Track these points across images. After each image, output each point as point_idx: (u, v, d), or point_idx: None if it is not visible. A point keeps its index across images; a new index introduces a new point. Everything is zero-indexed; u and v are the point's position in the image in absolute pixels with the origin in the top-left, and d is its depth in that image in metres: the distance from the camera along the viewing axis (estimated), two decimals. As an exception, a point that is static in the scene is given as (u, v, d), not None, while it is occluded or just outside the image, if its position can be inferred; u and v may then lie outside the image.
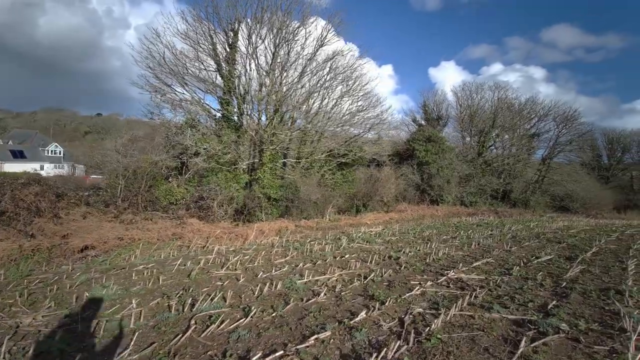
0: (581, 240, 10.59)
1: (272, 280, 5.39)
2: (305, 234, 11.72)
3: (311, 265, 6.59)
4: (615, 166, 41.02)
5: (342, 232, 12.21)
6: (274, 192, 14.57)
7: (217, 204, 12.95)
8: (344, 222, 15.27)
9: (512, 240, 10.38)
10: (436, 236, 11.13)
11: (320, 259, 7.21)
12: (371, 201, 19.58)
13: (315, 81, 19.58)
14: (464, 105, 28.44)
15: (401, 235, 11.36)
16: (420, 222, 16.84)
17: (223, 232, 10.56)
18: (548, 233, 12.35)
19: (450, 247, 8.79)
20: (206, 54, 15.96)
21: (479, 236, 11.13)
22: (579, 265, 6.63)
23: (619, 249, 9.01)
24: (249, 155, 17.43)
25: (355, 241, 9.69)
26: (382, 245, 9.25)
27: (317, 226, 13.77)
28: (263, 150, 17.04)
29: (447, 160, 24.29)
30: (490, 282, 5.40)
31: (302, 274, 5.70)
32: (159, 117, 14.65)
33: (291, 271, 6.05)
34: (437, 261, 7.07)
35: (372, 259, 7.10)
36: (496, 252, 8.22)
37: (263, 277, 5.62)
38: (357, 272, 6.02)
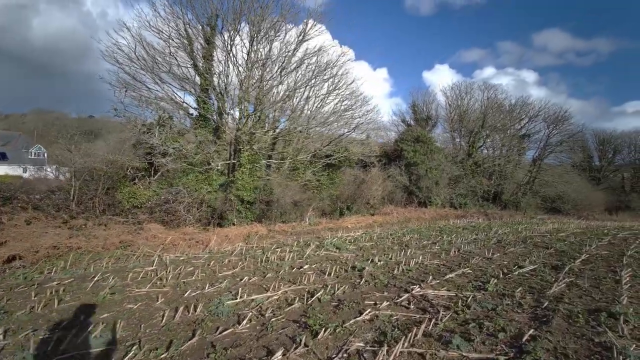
0: (570, 245, 9.75)
1: (198, 300, 4.43)
2: (276, 239, 10.76)
3: (258, 278, 5.65)
4: (607, 167, 40.58)
5: (318, 237, 11.28)
6: (247, 194, 13.60)
7: (184, 208, 11.95)
8: (323, 226, 14.34)
9: (496, 246, 9.51)
10: (416, 241, 10.24)
11: (274, 270, 6.26)
12: (355, 203, 18.68)
13: (297, 78, 18.73)
14: (454, 105, 27.76)
15: (379, 240, 10.45)
16: (405, 225, 15.95)
17: (182, 238, 9.58)
18: (536, 237, 11.51)
19: (427, 255, 7.89)
20: (181, 49, 15.01)
21: (462, 241, 10.25)
22: (565, 277, 5.75)
23: (611, 255, 8.17)
24: (228, 155, 16.47)
25: (324, 248, 8.76)
26: (353, 252, 8.33)
27: (293, 230, 12.82)
28: (240, 151, 16.11)
29: (435, 161, 23.50)
30: (459, 300, 4.48)
31: (239, 291, 4.74)
32: (124, 115, 13.63)
33: (229, 287, 5.09)
34: (406, 273, 6.15)
35: (333, 271, 6.16)
36: (476, 260, 7.33)
37: (190, 296, 4.66)
38: (307, 288, 5.08)
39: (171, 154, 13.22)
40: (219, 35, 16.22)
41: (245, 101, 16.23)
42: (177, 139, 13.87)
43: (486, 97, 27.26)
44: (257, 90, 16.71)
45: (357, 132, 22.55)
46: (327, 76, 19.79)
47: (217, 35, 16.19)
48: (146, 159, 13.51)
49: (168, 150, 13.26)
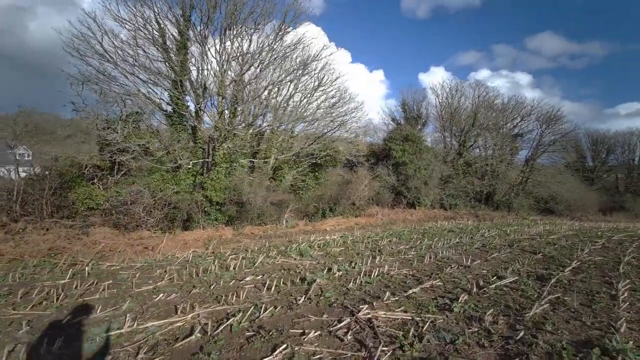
0: (560, 249, 8.77)
1: (67, 330, 3.39)
2: (243, 244, 9.71)
3: (179, 295, 4.61)
4: (600, 167, 39.85)
5: (289, 241, 10.25)
6: (217, 195, 12.54)
7: (143, 209, 10.88)
8: (299, 229, 13.31)
9: (479, 251, 8.51)
10: (393, 245, 9.23)
11: (208, 284, 5.22)
12: (339, 205, 17.66)
13: (277, 73, 17.76)
14: (444, 103, 26.86)
15: (352, 244, 9.43)
16: (389, 227, 14.95)
17: (130, 243, 8.52)
18: (524, 240, 10.54)
19: (397, 263, 6.88)
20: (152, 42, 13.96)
21: (443, 245, 9.25)
22: (551, 292, 4.74)
23: (605, 262, 7.19)
24: (203, 154, 15.41)
25: (285, 254, 7.73)
26: (316, 259, 7.30)
27: (264, 234, 11.78)
28: (215, 149, 15.07)
29: (425, 160, 22.53)
30: (413, 327, 3.47)
31: (132, 318, 3.70)
32: (83, 110, 12.53)
33: (131, 309, 4.05)
34: (364, 286, 5.13)
35: (278, 284, 5.14)
36: (451, 268, 6.32)
37: (64, 323, 3.61)
38: (230, 309, 4.04)
39: (133, 151, 12.16)
40: (193, 27, 15.20)
41: (219, 96, 15.23)
42: (142, 136, 12.80)
43: (477, 95, 26.41)
44: (233, 84, 15.73)
45: (343, 130, 21.59)
46: (310, 70, 18.85)
47: (191, 26, 15.17)
48: (108, 157, 12.43)
49: (130, 147, 12.20)
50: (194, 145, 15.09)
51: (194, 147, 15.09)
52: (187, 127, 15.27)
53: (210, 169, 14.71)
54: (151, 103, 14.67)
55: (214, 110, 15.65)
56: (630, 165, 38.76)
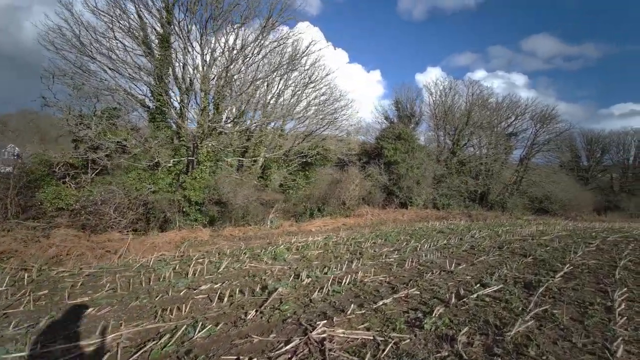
0: (553, 251, 8.22)
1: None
2: (218, 246, 9.09)
3: (113, 310, 4.00)
4: (595, 167, 39.51)
5: (268, 243, 9.67)
6: (196, 194, 11.91)
7: (114, 209, 10.24)
8: (283, 230, 12.71)
9: (466, 254, 7.95)
10: (377, 248, 8.66)
11: (155, 293, 4.62)
12: (328, 205, 17.06)
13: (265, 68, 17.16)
14: (438, 102, 26.35)
15: (334, 246, 8.84)
16: (377, 228, 14.37)
17: (90, 247, 7.88)
18: (516, 241, 10.00)
19: (376, 267, 6.31)
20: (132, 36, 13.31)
21: (429, 247, 8.69)
22: (539, 303, 4.17)
23: (600, 266, 6.64)
24: (186, 152, 14.78)
25: (258, 257, 7.13)
26: (289, 264, 6.70)
27: (244, 235, 11.18)
28: (198, 147, 14.46)
29: (417, 159, 21.99)
30: (370, 352, 2.89)
31: (43, 338, 3.10)
32: (56, 105, 11.86)
33: (37, 331, 3.44)
34: (330, 296, 4.54)
35: (236, 293, 4.55)
36: (433, 274, 5.75)
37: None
38: (164, 327, 3.44)
39: (107, 148, 11.51)
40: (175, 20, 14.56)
41: (202, 92, 14.60)
42: (118, 133, 12.15)
43: (471, 93, 25.91)
44: (217, 80, 15.14)
45: (333, 128, 21.02)
46: (299, 66, 18.26)
47: (173, 19, 14.52)
48: (80, 154, 11.78)
49: (104, 144, 11.56)
50: (178, 143, 14.47)
51: (177, 145, 14.47)
52: (170, 125, 14.65)
53: (194, 168, 14.11)
54: (132, 99, 14.02)
55: (197, 107, 15.02)
56: (625, 165, 38.44)
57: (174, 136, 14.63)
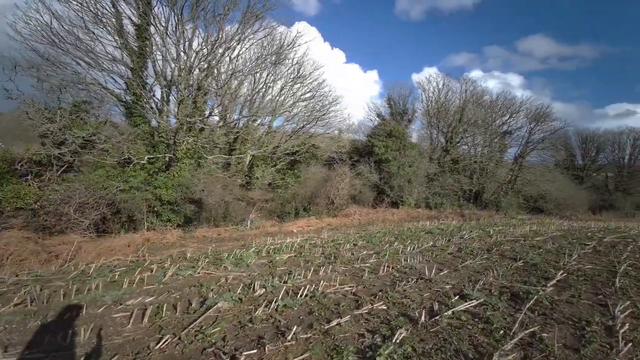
0: (545, 254, 7.49)
1: None
2: (184, 249, 8.30)
3: (4, 331, 3.22)
4: (590, 166, 38.96)
5: (242, 245, 8.90)
6: (168, 193, 11.10)
7: (75, 209, 9.42)
8: (263, 231, 11.92)
9: (451, 257, 7.20)
10: (357, 250, 7.90)
11: (66, 311, 3.83)
12: (314, 204, 16.28)
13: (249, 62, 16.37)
14: (431, 98, 25.64)
15: (310, 249, 8.08)
16: (364, 228, 13.62)
17: (35, 251, 7.07)
18: (507, 242, 9.27)
19: (345, 275, 5.56)
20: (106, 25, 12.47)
21: (413, 250, 7.93)
22: (526, 323, 3.42)
23: (597, 272, 5.90)
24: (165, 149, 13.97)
25: (218, 263, 6.35)
26: (251, 270, 5.93)
27: (218, 237, 10.38)
28: (176, 143, 13.66)
29: (409, 157, 21.25)
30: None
31: None
32: (19, 97, 11.01)
33: None
34: (280, 311, 3.77)
35: (165, 309, 3.77)
36: (409, 282, 5.00)
37: None
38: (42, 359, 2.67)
39: (71, 144, 10.68)
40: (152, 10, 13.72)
41: (179, 85, 13.79)
42: (84, 127, 11.31)
43: (464, 90, 25.20)
44: (197, 72, 14.37)
45: (320, 125, 20.26)
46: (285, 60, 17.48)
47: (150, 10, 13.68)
48: (43, 150, 10.93)
49: (68, 139, 10.72)
50: (157, 139, 13.66)
51: (156, 141, 13.66)
52: (149, 120, 13.84)
53: (172, 165, 13.33)
54: (108, 93, 13.19)
55: (175, 101, 14.20)
56: (620, 164, 37.93)
57: (153, 132, 13.82)
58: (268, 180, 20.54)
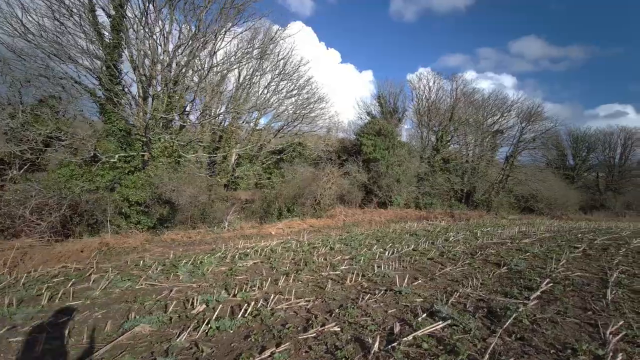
0: (532, 259, 6.93)
1: None
2: (143, 254, 7.60)
3: None
4: (581, 166, 38.81)
5: (212, 249, 8.21)
6: (136, 193, 10.37)
7: (30, 212, 8.67)
8: (239, 233, 11.24)
9: (430, 263, 6.61)
10: (332, 256, 7.28)
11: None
12: (298, 204, 15.63)
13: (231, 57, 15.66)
14: (421, 96, 25.13)
15: (281, 254, 7.44)
16: (348, 230, 13.00)
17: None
18: (493, 245, 8.70)
19: (307, 285, 4.93)
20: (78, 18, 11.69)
21: (392, 254, 7.33)
22: (497, 355, 2.82)
23: (587, 280, 5.34)
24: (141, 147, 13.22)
25: (171, 271, 5.68)
26: (203, 281, 5.26)
27: (189, 240, 9.68)
28: (151, 141, 12.95)
29: (399, 156, 20.71)
30: None
31: None
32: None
33: None
34: (207, 339, 3.12)
35: (67, 336, 3.10)
36: (374, 296, 4.38)
37: None
38: None
39: (31, 141, 9.91)
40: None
41: (152, 79, 13.06)
42: (46, 123, 10.54)
43: (455, 88, 24.73)
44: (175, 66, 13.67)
45: (306, 122, 19.60)
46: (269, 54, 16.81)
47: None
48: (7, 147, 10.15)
49: (28, 136, 9.95)
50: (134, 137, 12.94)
51: (132, 139, 12.94)
52: (125, 116, 13.10)
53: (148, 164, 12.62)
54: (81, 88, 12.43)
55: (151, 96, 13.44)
56: (611, 163, 37.83)
57: (130, 129, 13.08)
58: (253, 179, 19.86)
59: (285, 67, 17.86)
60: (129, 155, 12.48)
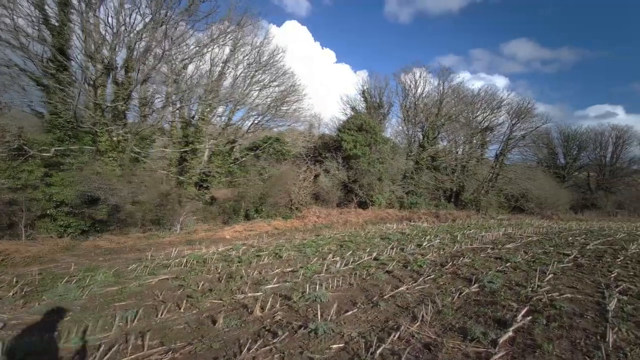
0: (513, 272, 5.60)
1: None
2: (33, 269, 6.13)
3: None
4: (572, 164, 37.84)
5: (139, 259, 6.77)
6: (64, 193, 8.87)
7: None
8: (189, 237, 9.79)
9: (387, 278, 5.24)
10: (271, 268, 5.90)
11: None
12: (267, 204, 14.20)
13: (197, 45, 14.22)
14: (407, 90, 23.82)
15: (215, 263, 6.03)
16: (318, 233, 11.61)
17: None
18: (470, 252, 7.36)
19: (182, 325, 3.53)
20: None
21: (344, 265, 5.95)
22: None
23: (579, 305, 4.02)
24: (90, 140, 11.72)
25: (40, 296, 4.25)
26: (51, 314, 3.84)
27: (118, 247, 8.20)
28: (97, 134, 11.49)
29: (381, 153, 19.36)
30: None
31: None
32: None
33: None
34: None
35: None
36: (272, 341, 3.00)
37: None
38: None
39: None
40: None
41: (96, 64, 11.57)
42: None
43: (442, 82, 23.43)
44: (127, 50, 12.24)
45: (284, 118, 18.16)
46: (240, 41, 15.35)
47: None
48: None
49: None
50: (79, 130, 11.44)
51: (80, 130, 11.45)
52: (71, 106, 11.60)
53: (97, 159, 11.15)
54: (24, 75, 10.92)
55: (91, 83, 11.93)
56: (602, 162, 36.90)
57: (78, 121, 11.57)
58: (225, 177, 18.38)
59: (259, 57, 16.39)
60: (68, 149, 10.96)
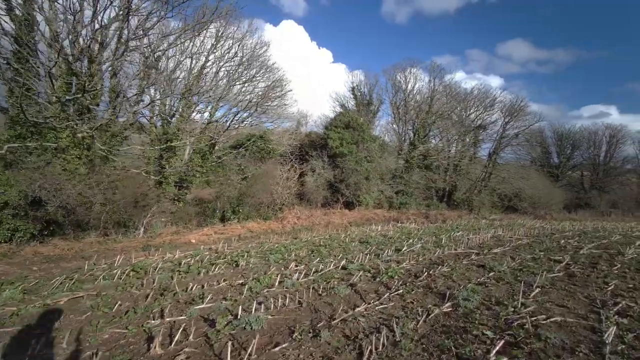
0: (494, 285, 4.82)
1: None
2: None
3: None
4: (565, 164, 37.33)
5: (78, 268, 5.90)
6: (7, 192, 7.96)
7: None
8: (147, 242, 8.92)
9: (348, 293, 4.43)
10: (217, 280, 5.06)
11: None
12: (244, 204, 13.34)
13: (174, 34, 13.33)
14: (397, 87, 23.06)
15: (154, 275, 5.19)
16: (295, 236, 10.78)
17: None
18: (452, 259, 6.57)
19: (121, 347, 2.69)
20: None
21: (302, 278, 5.14)
22: None
23: (569, 342, 3.24)
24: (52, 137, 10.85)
25: None
26: None
27: (64, 254, 7.32)
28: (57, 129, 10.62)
29: (369, 151, 18.58)
30: None
31: None
32: None
33: None
34: None
35: None
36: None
37: None
38: None
39: None
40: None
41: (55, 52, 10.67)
42: None
43: (433, 78, 22.70)
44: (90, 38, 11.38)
45: (269, 114, 17.31)
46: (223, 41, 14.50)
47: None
48: None
49: None
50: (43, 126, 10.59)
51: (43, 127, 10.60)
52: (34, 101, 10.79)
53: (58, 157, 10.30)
54: None
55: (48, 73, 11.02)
56: (596, 161, 36.42)
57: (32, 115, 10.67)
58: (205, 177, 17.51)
59: (242, 51, 15.55)
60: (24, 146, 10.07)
